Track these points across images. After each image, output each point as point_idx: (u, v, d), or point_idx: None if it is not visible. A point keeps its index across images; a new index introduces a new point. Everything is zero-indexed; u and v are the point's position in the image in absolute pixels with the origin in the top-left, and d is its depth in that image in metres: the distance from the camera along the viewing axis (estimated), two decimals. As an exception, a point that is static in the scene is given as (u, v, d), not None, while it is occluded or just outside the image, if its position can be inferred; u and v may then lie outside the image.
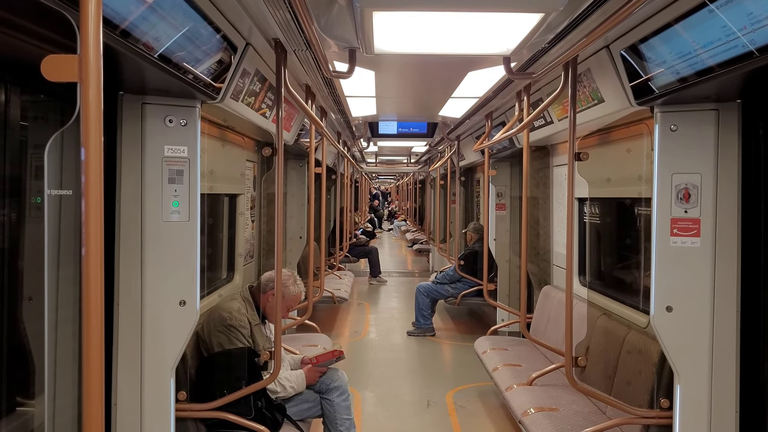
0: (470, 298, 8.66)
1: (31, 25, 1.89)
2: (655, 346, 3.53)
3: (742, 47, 2.27)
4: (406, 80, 5.05)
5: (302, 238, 7.46)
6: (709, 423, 3.21)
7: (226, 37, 2.91)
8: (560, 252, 6.22)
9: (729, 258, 3.20)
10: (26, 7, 1.71)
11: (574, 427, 3.89)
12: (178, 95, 3.03)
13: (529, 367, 5.29)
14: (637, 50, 2.99)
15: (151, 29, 2.17)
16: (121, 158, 3.07)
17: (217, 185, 4.60)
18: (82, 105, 1.15)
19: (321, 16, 2.91)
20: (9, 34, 1.94)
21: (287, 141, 5.45)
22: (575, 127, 3.61)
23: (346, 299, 9.15)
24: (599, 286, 5.23)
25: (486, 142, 6.09)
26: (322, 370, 4.28)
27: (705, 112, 3.18)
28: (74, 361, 2.83)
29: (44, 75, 1.18)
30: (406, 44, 3.00)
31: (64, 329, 2.78)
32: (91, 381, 1.19)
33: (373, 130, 8.18)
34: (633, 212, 4.69)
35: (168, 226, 3.10)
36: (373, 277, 13.59)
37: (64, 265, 2.80)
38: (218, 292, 4.83)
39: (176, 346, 3.12)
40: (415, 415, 5.76)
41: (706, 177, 3.20)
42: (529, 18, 2.49)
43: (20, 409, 2.76)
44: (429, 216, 16.19)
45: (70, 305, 2.82)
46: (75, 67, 1.15)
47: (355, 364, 7.27)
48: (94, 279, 1.18)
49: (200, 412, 3.45)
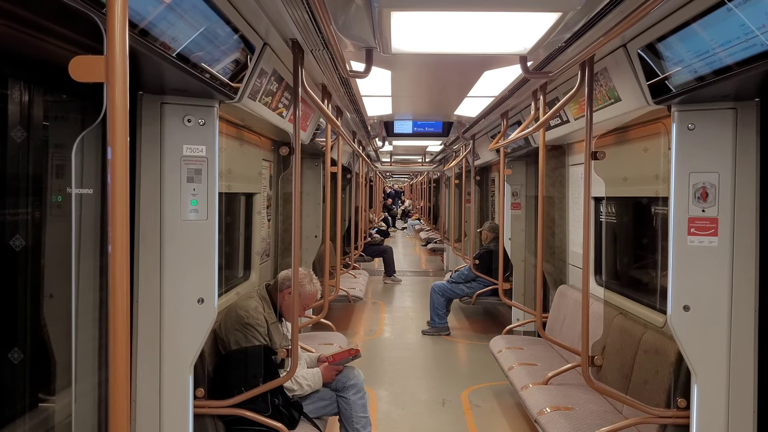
0: (485, 298, 8.64)
1: (56, 26, 1.92)
2: (672, 346, 3.52)
3: (761, 46, 2.26)
4: (422, 80, 5.06)
5: (318, 237, 7.48)
6: (727, 423, 3.20)
7: (244, 37, 2.94)
8: (576, 251, 6.21)
9: (747, 257, 3.19)
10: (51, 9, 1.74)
11: (591, 427, 3.89)
12: (197, 95, 3.06)
13: (544, 366, 5.28)
14: (655, 49, 2.98)
15: (169, 29, 2.20)
16: (140, 158, 3.11)
17: (235, 184, 4.64)
18: (109, 105, 1.17)
19: (339, 16, 2.93)
20: (34, 35, 1.97)
21: (303, 140, 5.48)
22: (592, 126, 3.60)
23: (361, 298, 9.17)
24: (616, 286, 5.21)
25: (501, 141, 6.09)
26: (338, 368, 4.29)
27: (723, 110, 3.16)
28: (94, 357, 2.86)
29: (72, 75, 1.20)
30: (423, 44, 3.01)
31: (84, 327, 2.82)
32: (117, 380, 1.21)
33: (388, 130, 8.20)
34: (650, 211, 4.67)
35: (186, 225, 3.13)
36: (387, 276, 13.59)
37: (85, 263, 2.84)
38: (235, 290, 4.86)
39: (194, 344, 3.15)
40: (430, 414, 5.76)
41: (723, 176, 3.18)
42: (547, 17, 2.49)
43: (42, 405, 2.80)
44: (444, 215, 16.18)
45: (89, 302, 2.85)
46: (102, 68, 1.17)
47: (370, 362, 7.28)
48: (120, 278, 1.20)
49: (218, 408, 3.49)
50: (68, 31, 1.93)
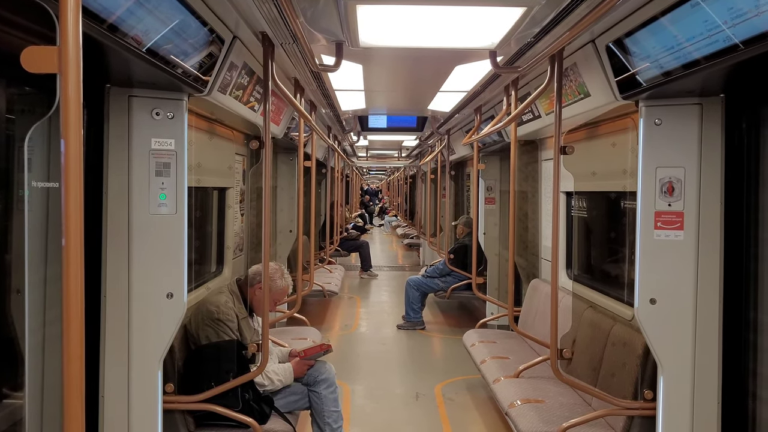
0: (460, 292, 8.66)
1: (12, 16, 1.89)
2: (640, 339, 3.56)
3: (724, 41, 2.29)
4: (394, 74, 5.06)
5: (292, 231, 7.45)
6: (692, 413, 3.25)
7: (213, 30, 2.91)
8: (548, 246, 6.23)
9: (712, 251, 3.23)
10: None
11: (560, 419, 3.92)
12: (165, 88, 3.03)
13: (516, 359, 5.33)
14: (622, 44, 3.01)
15: (137, 22, 2.18)
16: (107, 151, 3.08)
17: (205, 178, 4.60)
18: (62, 97, 1.15)
19: (307, 10, 2.91)
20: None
21: (276, 134, 5.46)
22: (561, 121, 3.63)
23: (336, 293, 9.16)
24: (586, 279, 5.26)
25: (475, 136, 6.11)
26: (309, 363, 4.29)
27: (689, 106, 3.21)
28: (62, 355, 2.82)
29: (24, 66, 1.18)
30: (392, 38, 3.01)
31: (52, 324, 2.79)
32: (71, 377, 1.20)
33: (362, 124, 8.19)
34: (619, 206, 4.72)
35: (155, 219, 3.11)
36: (363, 271, 13.61)
37: (52, 258, 2.80)
38: (207, 285, 4.83)
39: (164, 339, 3.13)
40: (403, 408, 5.79)
41: (689, 171, 3.23)
42: (512, 12, 2.51)
43: (6, 401, 2.77)
44: (420, 210, 16.22)
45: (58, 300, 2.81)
46: (55, 59, 1.16)
47: (345, 357, 7.29)
48: (74, 274, 1.19)
49: (188, 404, 3.47)
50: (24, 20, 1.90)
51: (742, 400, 3.23)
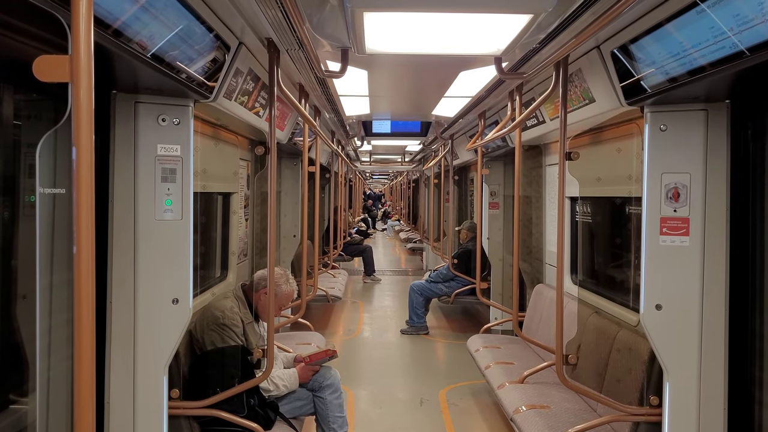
0: (464, 297, 8.67)
1: (24, 25, 1.90)
2: (645, 344, 3.56)
3: (731, 47, 2.29)
4: (399, 79, 5.07)
5: (296, 236, 7.46)
6: (698, 419, 3.24)
7: (219, 36, 2.93)
8: (553, 251, 6.25)
9: (718, 257, 3.23)
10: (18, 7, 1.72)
11: (565, 425, 3.92)
12: (171, 94, 3.04)
13: (521, 365, 5.32)
14: (627, 50, 3.01)
15: (143, 28, 2.18)
16: (113, 157, 3.08)
17: (211, 184, 4.61)
18: (74, 105, 1.16)
19: (313, 16, 2.92)
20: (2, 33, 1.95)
21: (281, 140, 5.46)
22: (566, 126, 3.63)
23: (340, 298, 9.16)
24: (591, 285, 5.26)
25: (479, 141, 6.12)
26: (314, 369, 4.29)
27: (694, 112, 3.21)
28: (69, 360, 2.83)
29: (36, 75, 1.19)
30: (398, 44, 3.01)
31: (58, 329, 2.79)
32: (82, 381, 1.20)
33: (366, 129, 8.20)
34: (624, 211, 4.71)
35: (161, 225, 3.11)
36: (367, 275, 13.60)
37: (58, 263, 2.81)
38: (212, 290, 4.84)
39: (169, 344, 3.13)
40: (407, 413, 5.78)
41: (695, 176, 3.23)
42: (519, 19, 2.51)
43: (13, 407, 2.77)
44: (423, 215, 16.21)
45: (63, 303, 2.82)
46: (66, 68, 1.17)
47: (349, 362, 7.28)
48: (86, 279, 1.20)
49: (193, 409, 3.47)
50: (35, 29, 1.91)
51: (748, 407, 3.23)
